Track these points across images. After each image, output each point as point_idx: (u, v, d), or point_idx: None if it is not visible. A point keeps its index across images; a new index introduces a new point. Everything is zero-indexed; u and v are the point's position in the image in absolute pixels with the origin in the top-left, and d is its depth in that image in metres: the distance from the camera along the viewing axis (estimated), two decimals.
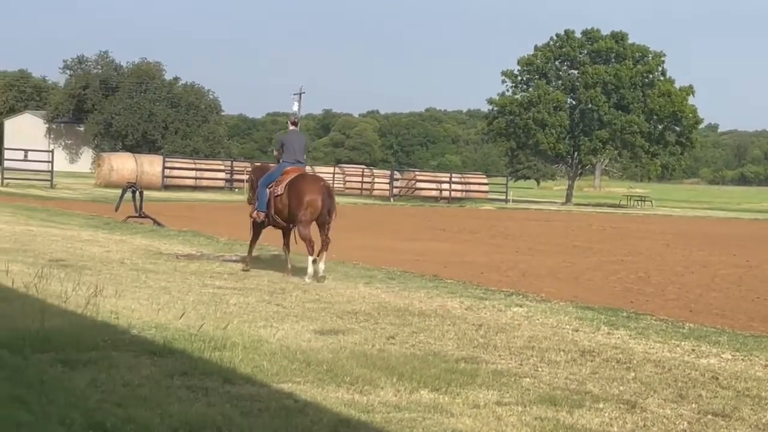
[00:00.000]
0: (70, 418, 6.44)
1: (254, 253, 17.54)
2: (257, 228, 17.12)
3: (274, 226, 16.95)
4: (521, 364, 9.30)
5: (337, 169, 72.29)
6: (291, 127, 17.74)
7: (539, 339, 10.71)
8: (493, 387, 8.18)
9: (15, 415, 6.44)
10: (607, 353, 10.06)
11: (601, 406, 7.72)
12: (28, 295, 11.46)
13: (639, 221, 48.00)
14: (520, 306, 13.31)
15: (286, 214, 16.36)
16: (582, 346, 10.45)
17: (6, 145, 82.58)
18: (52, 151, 60.63)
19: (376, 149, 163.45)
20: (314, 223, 16.32)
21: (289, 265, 16.51)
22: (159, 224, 25.81)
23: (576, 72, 75.32)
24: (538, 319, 12.24)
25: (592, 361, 9.63)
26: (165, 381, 7.70)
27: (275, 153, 17.50)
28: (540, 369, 9.11)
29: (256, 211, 16.90)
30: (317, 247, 16.01)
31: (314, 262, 15.77)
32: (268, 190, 16.61)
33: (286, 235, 16.89)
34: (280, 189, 16.35)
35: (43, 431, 6.19)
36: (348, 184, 68.17)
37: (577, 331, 11.50)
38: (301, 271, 15.96)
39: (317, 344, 9.71)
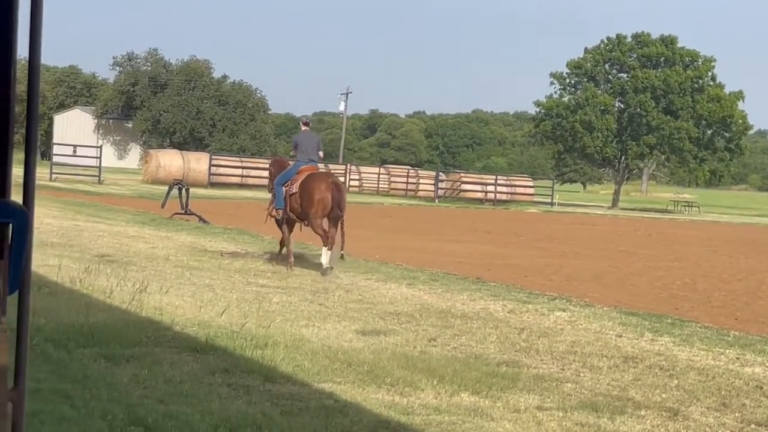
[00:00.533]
0: (112, 413, 6.50)
1: (294, 250, 17.53)
2: (282, 224, 17.77)
3: (287, 221, 17.64)
4: (563, 369, 9.25)
5: (383, 170, 72.22)
6: (303, 128, 18.55)
7: (582, 344, 10.65)
8: (534, 391, 8.14)
9: (58, 409, 6.51)
10: (651, 360, 9.98)
11: (643, 413, 7.66)
12: (74, 290, 11.59)
13: (686, 227, 47.56)
14: (564, 310, 13.24)
15: (300, 211, 17.14)
16: (625, 352, 10.37)
17: (55, 140, 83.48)
18: (100, 147, 61.07)
19: (421, 150, 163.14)
20: (327, 218, 16.84)
21: (291, 258, 17.20)
22: (204, 221, 25.96)
23: (625, 76, 74.82)
24: (581, 324, 12.17)
25: (635, 367, 9.56)
26: (206, 378, 7.75)
27: (292, 153, 18.33)
28: (582, 374, 9.06)
29: (274, 209, 17.83)
30: (331, 241, 16.60)
31: (340, 255, 16.56)
32: (284, 188, 17.49)
33: (290, 227, 17.74)
34: (294, 188, 17.19)
35: (85, 426, 6.25)
36: (393, 185, 68.08)
37: (620, 336, 11.41)
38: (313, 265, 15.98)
39: (358, 344, 9.72)
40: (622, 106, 74.87)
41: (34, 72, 2.22)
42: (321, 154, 18.15)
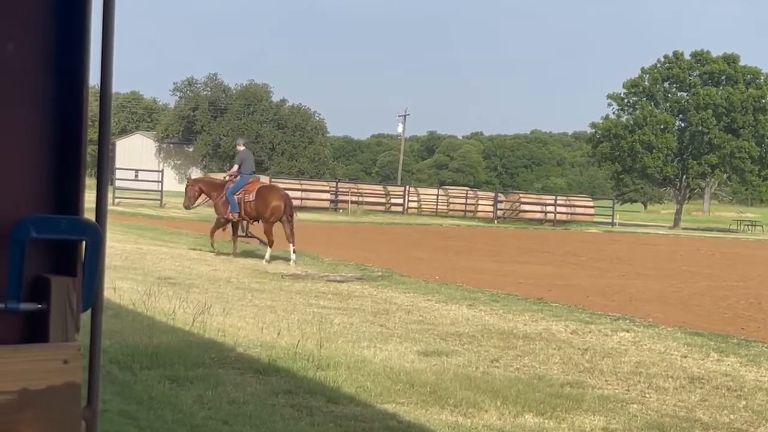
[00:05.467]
0: None
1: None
2: (225, 224, 22.93)
3: (233, 222, 22.76)
4: (628, 390, 9.13)
5: (441, 191, 72.18)
6: (241, 148, 24.08)
7: (647, 365, 10.51)
8: (599, 412, 8.05)
9: (124, 431, 6.55)
10: (717, 380, 9.83)
11: None
12: (137, 312, 11.70)
13: (749, 246, 46.89)
14: (627, 331, 13.09)
15: (255, 215, 22.38)
16: (691, 372, 10.23)
17: (118, 164, 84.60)
18: (161, 171, 61.77)
19: (480, 171, 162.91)
20: (280, 221, 21.99)
21: (237, 249, 22.80)
22: (265, 244, 26.07)
23: (685, 94, 74.11)
24: (645, 345, 12.02)
25: (701, 388, 9.42)
26: (270, 399, 7.76)
27: (236, 168, 23.25)
28: (648, 395, 8.94)
29: (231, 213, 22.44)
30: (277, 241, 21.85)
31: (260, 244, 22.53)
32: (236, 197, 22.34)
33: (235, 229, 22.95)
34: (251, 196, 22.23)
35: None
36: (452, 206, 67.98)
37: (685, 357, 11.25)
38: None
39: (421, 365, 9.68)
40: (683, 124, 74.11)
41: (105, 93, 2.26)
42: (254, 168, 23.85)
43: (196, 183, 24.27)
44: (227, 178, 23.58)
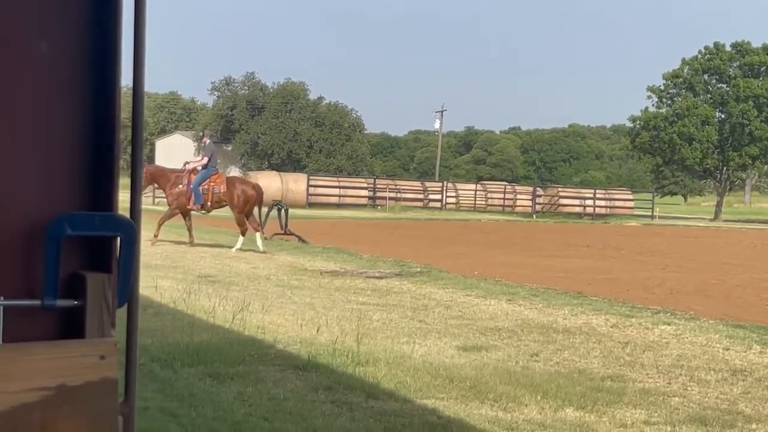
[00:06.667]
0: (218, 431, 6.56)
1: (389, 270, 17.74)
2: (176, 214, 23.77)
3: (182, 212, 23.58)
4: (670, 383, 9.07)
5: (479, 186, 72.05)
6: (209, 141, 25.61)
7: (688, 357, 10.43)
8: (640, 406, 7.99)
9: (165, 427, 6.60)
10: (760, 372, 9.73)
11: (754, 426, 7.47)
12: (177, 310, 11.77)
13: None
14: (668, 324, 12.99)
15: (225, 204, 23.45)
16: (733, 365, 10.13)
17: (157, 164, 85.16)
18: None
19: (518, 166, 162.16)
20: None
21: (193, 240, 23.45)
22: (304, 241, 26.17)
23: (725, 86, 73.44)
24: (686, 338, 11.92)
25: (743, 380, 9.33)
26: (310, 395, 7.78)
27: (206, 159, 24.10)
28: (689, 388, 8.87)
29: (194, 204, 23.36)
30: (257, 227, 23.19)
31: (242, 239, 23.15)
32: (202, 188, 23.28)
33: (187, 218, 23.61)
34: (222, 187, 23.43)
35: None
36: (490, 201, 67.85)
37: (727, 349, 11.15)
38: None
39: (460, 361, 9.67)
40: (723, 116, 73.45)
41: (138, 91, 2.28)
42: (218, 162, 24.73)
43: (146, 171, 24.49)
44: (197, 168, 23.96)
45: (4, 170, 2.07)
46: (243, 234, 23.12)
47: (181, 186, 23.46)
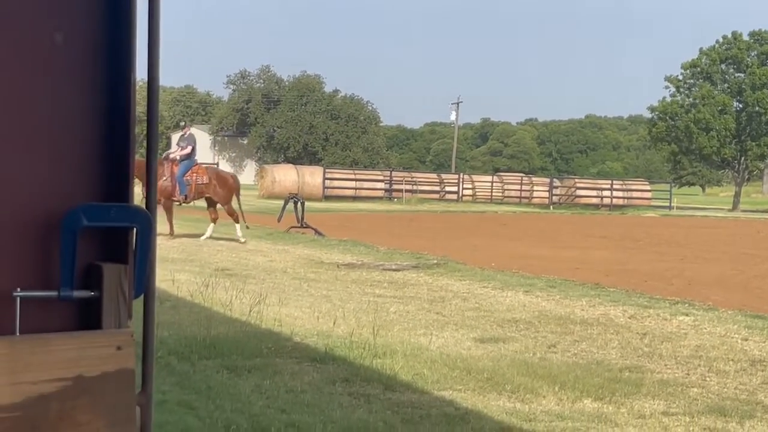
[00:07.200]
0: (236, 424, 6.57)
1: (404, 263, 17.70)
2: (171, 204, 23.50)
3: (166, 206, 23.08)
4: (688, 374, 9.04)
5: (496, 178, 71.90)
6: (190, 131, 24.91)
7: (707, 348, 10.40)
8: (659, 396, 7.97)
9: (183, 420, 6.61)
10: None
11: None
12: (195, 303, 11.80)
13: None
14: (686, 315, 12.95)
15: (206, 195, 23.72)
16: (752, 355, 10.09)
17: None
18: (217, 164, 62.15)
19: (534, 157, 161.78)
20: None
21: (174, 230, 23.23)
22: (320, 234, 26.19)
23: (743, 75, 73.11)
24: (705, 328, 11.88)
25: (763, 370, 9.29)
26: (327, 387, 7.78)
27: (190, 149, 23.86)
28: (708, 379, 8.84)
29: (179, 195, 23.43)
30: (236, 217, 23.38)
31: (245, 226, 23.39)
32: (185, 179, 23.33)
33: (169, 211, 23.30)
34: (204, 178, 23.59)
35: None
36: (507, 193, 67.70)
37: (746, 340, 11.11)
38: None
39: (477, 352, 9.66)
40: (741, 105, 73.12)
41: (153, 83, 2.28)
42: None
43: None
44: (177, 158, 23.74)
45: (21, 162, 2.07)
46: (214, 222, 23.72)
47: (164, 178, 23.13)
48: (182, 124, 26.98)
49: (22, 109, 2.08)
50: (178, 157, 23.75)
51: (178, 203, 23.94)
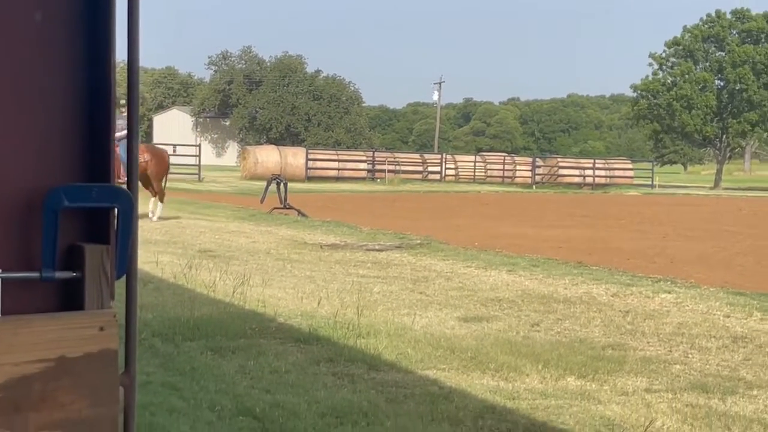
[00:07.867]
0: (220, 404, 6.58)
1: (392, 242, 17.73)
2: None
3: None
4: (670, 351, 9.08)
5: (479, 158, 71.96)
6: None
7: (689, 325, 10.45)
8: (641, 374, 8.01)
9: (168, 401, 6.61)
10: (761, 339, 9.75)
11: (755, 392, 7.48)
12: (178, 285, 11.79)
13: None
14: (669, 292, 13.01)
15: (147, 171, 22.84)
16: (734, 332, 10.15)
17: (155, 140, 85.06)
18: (199, 146, 62.00)
19: (517, 137, 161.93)
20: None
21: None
22: (303, 215, 26.17)
23: (723, 53, 73.35)
24: (687, 306, 11.93)
25: (744, 347, 9.34)
26: (311, 368, 7.79)
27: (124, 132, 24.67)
28: (690, 355, 8.89)
29: (124, 175, 23.88)
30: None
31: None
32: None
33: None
34: (147, 156, 22.76)
35: (194, 417, 6.33)
36: (489, 173, 67.77)
37: (728, 317, 11.17)
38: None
39: (461, 331, 9.69)
40: (722, 83, 73.37)
41: (132, 63, 2.27)
42: None
43: None
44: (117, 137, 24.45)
45: None
46: (162, 200, 23.31)
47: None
48: (123, 102, 27.49)
49: (0, 89, 2.06)
50: (117, 139, 23.85)
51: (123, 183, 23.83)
